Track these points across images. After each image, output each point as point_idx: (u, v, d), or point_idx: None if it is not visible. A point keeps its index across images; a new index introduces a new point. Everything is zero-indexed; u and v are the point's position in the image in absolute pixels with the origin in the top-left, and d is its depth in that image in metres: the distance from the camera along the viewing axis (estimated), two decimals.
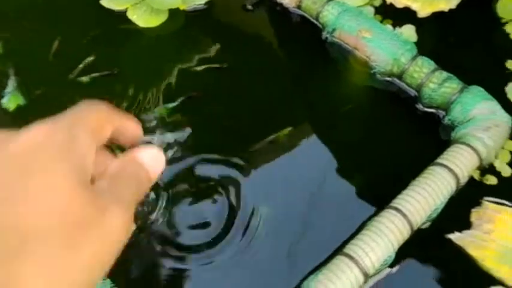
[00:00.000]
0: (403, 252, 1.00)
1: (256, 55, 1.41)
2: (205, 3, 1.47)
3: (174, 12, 1.46)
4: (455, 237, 1.04)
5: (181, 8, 1.46)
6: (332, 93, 1.31)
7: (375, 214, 1.05)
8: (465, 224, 1.06)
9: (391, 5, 1.37)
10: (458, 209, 1.07)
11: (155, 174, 0.44)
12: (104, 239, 0.35)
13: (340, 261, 0.97)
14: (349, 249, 0.98)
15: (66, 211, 0.33)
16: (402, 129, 1.23)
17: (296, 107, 1.31)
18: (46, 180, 0.33)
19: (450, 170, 1.06)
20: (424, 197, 1.02)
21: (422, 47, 1.28)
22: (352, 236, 1.02)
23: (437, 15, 1.32)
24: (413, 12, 1.35)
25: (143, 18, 1.46)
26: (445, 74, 1.21)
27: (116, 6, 1.47)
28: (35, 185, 0.32)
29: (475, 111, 1.14)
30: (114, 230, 0.36)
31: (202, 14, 1.48)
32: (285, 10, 1.43)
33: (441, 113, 1.21)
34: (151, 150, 0.44)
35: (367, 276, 0.96)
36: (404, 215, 1.01)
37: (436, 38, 1.33)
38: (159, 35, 1.45)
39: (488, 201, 1.08)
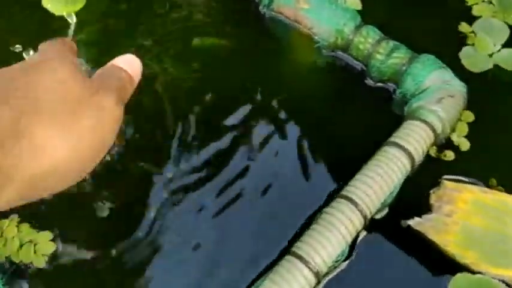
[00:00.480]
0: (358, 244, 0.91)
1: (187, 36, 1.27)
2: None
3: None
4: (414, 222, 0.94)
5: None
6: (275, 72, 1.19)
7: (326, 203, 0.95)
8: (424, 208, 0.96)
9: None
10: (416, 191, 0.97)
11: (134, 73, 0.52)
12: (99, 116, 0.45)
13: (288, 262, 0.87)
14: (298, 247, 0.87)
15: (68, 89, 0.44)
16: (353, 106, 1.12)
17: (238, 89, 1.18)
18: (55, 72, 0.45)
19: (404, 149, 0.95)
20: (377, 181, 0.92)
21: (368, 15, 1.17)
22: (302, 231, 0.92)
23: None
24: None
25: (56, 5, 1.31)
26: (392, 43, 1.10)
27: None
28: (46, 74, 0.44)
29: (427, 82, 1.03)
30: (106, 111, 0.45)
31: None
32: None
33: (392, 86, 1.11)
34: (125, 56, 0.53)
35: (319, 276, 0.86)
36: (356, 204, 0.90)
37: (383, 3, 1.22)
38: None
39: (447, 179, 0.98)
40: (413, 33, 1.15)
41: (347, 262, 0.92)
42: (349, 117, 1.12)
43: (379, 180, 0.92)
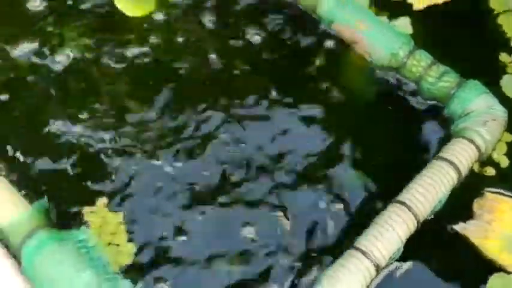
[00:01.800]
0: (411, 244, 1.04)
1: (247, 51, 1.39)
2: None
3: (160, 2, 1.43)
4: (459, 227, 1.08)
5: None
6: (330, 86, 1.32)
7: (379, 206, 1.08)
8: (467, 215, 1.10)
9: None
10: (461, 200, 1.11)
11: None
12: None
13: (350, 255, 1.00)
14: (360, 243, 1.01)
15: None
16: (402, 121, 1.25)
17: (294, 101, 1.30)
18: None
19: (452, 163, 1.09)
20: (429, 190, 1.06)
21: (418, 39, 1.30)
22: (359, 230, 1.05)
23: (432, 8, 1.34)
24: (408, 5, 1.37)
25: (130, 7, 1.42)
26: (442, 67, 1.24)
27: None
28: None
29: (473, 105, 1.17)
30: None
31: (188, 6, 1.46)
32: (283, 3, 1.43)
33: (440, 105, 1.24)
34: None
35: (378, 268, 1.00)
36: (410, 208, 1.04)
37: (431, 30, 1.35)
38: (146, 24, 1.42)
39: (488, 191, 1.12)
40: (458, 59, 1.28)
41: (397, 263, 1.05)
42: (399, 130, 1.25)
43: (431, 189, 1.06)
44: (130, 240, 1.05)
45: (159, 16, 1.41)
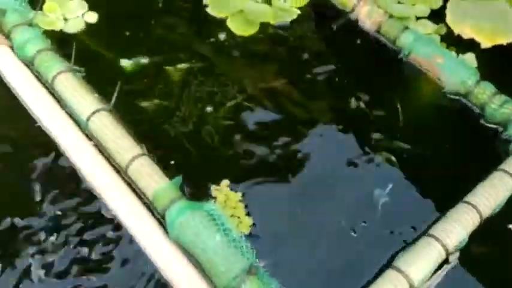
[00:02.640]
0: (473, 237, 1.27)
1: (334, 71, 1.66)
2: (291, 21, 1.74)
3: (264, 25, 1.72)
4: None
5: (271, 22, 1.73)
6: (404, 106, 1.57)
7: (449, 205, 1.32)
8: None
9: (456, 35, 1.63)
10: None
11: None
12: None
13: (425, 241, 1.24)
14: (434, 231, 1.25)
15: None
16: (467, 138, 1.50)
17: (373, 114, 1.56)
18: None
19: (511, 175, 1.33)
20: (492, 195, 1.30)
21: (481, 73, 1.56)
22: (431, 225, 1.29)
23: (497, 47, 1.59)
24: (473, 41, 1.62)
25: (238, 27, 1.72)
26: (503, 97, 1.49)
27: (218, 14, 1.74)
28: None
29: None
30: None
31: (287, 30, 1.75)
32: (365, 33, 1.70)
33: (500, 129, 1.49)
34: None
35: (448, 254, 1.23)
36: (475, 208, 1.28)
37: (495, 66, 1.60)
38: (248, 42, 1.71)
39: None
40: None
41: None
42: (460, 147, 1.50)
43: (493, 194, 1.30)
44: (247, 214, 1.31)
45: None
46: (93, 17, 1.72)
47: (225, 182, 1.35)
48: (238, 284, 1.15)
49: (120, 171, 1.35)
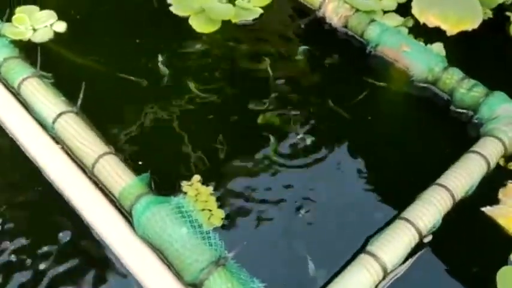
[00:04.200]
0: (447, 220, 1.25)
1: (301, 67, 1.66)
2: (253, 20, 1.75)
3: (225, 24, 1.73)
4: (487, 209, 1.29)
5: (233, 20, 1.74)
6: (375, 97, 1.57)
7: (422, 190, 1.30)
8: (494, 200, 1.31)
9: (422, 25, 1.64)
10: (489, 188, 1.33)
11: None
12: None
13: (398, 224, 1.21)
14: (407, 214, 1.22)
15: None
16: (438, 125, 1.49)
17: (343, 109, 1.55)
18: None
19: (482, 156, 1.32)
20: (464, 176, 1.28)
21: (450, 60, 1.56)
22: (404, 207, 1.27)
23: (462, 34, 1.59)
24: (440, 31, 1.63)
25: (200, 25, 1.73)
26: (472, 81, 1.48)
27: (181, 13, 1.75)
28: None
29: (500, 110, 1.41)
30: None
31: (249, 28, 1.75)
32: (333, 29, 1.71)
33: (470, 113, 1.48)
34: None
35: (421, 236, 1.21)
36: (448, 190, 1.26)
37: (462, 52, 1.60)
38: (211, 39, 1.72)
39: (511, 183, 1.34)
40: (484, 77, 1.52)
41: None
42: (431, 134, 1.48)
43: (465, 175, 1.28)
44: (219, 207, 1.29)
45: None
46: (61, 27, 1.72)
47: (196, 177, 1.33)
48: (206, 275, 1.12)
49: (87, 171, 1.33)
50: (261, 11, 1.76)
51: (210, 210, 1.28)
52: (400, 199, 1.32)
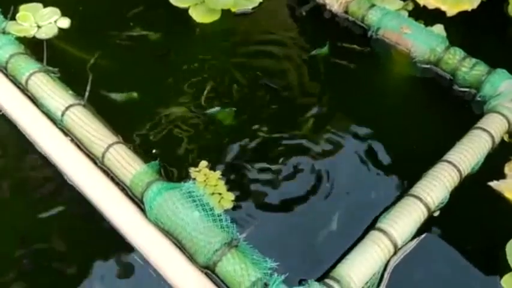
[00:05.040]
0: (455, 195, 1.27)
1: (303, 52, 1.67)
2: (253, 8, 1.77)
3: (225, 13, 1.75)
4: (494, 184, 1.31)
5: (232, 10, 1.76)
6: (379, 81, 1.59)
7: (429, 166, 1.31)
8: (500, 175, 1.33)
9: (423, 8, 1.65)
10: (494, 163, 1.34)
11: None
12: None
13: (407, 200, 1.23)
14: (415, 191, 1.24)
15: None
16: (442, 105, 1.51)
17: (348, 93, 1.57)
18: None
19: (487, 132, 1.33)
20: (469, 152, 1.29)
21: (451, 40, 1.57)
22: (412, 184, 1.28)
23: (462, 14, 1.61)
24: (441, 13, 1.64)
25: (200, 15, 1.75)
26: (473, 59, 1.50)
27: (180, 4, 1.77)
28: None
29: (502, 87, 1.42)
30: None
31: (248, 17, 1.78)
32: (333, 15, 1.72)
33: (473, 91, 1.49)
34: None
35: (430, 212, 1.22)
36: (454, 166, 1.27)
37: (462, 32, 1.62)
38: (211, 30, 1.74)
39: None
40: (485, 54, 1.53)
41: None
42: (436, 113, 1.50)
43: (471, 151, 1.29)
44: (229, 190, 1.31)
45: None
46: (65, 23, 1.74)
47: (203, 163, 1.35)
48: (219, 257, 1.14)
49: (97, 161, 1.35)
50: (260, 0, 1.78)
51: (220, 194, 1.30)
52: (408, 176, 1.34)
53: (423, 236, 1.23)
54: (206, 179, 1.32)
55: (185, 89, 1.56)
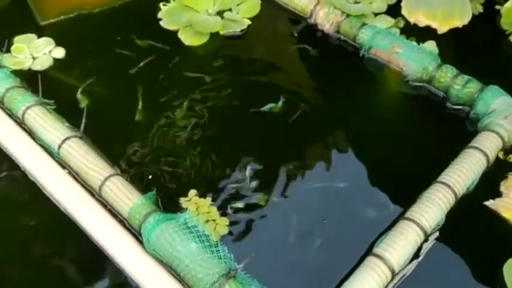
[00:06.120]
0: (450, 216, 1.27)
1: (298, 73, 1.69)
2: (241, 31, 1.79)
3: (214, 36, 1.76)
4: (490, 203, 1.31)
5: (221, 32, 1.77)
6: (372, 99, 1.59)
7: (424, 187, 1.32)
8: (496, 193, 1.33)
9: (414, 25, 1.66)
10: (490, 182, 1.34)
11: None
12: None
13: (403, 224, 1.23)
14: (411, 214, 1.24)
15: None
16: (435, 123, 1.51)
17: (341, 112, 1.58)
18: None
19: (481, 151, 1.33)
20: (464, 172, 1.30)
21: (443, 58, 1.58)
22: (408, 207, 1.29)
23: (454, 31, 1.62)
24: (433, 30, 1.65)
25: (188, 38, 1.76)
26: (466, 77, 1.50)
27: (171, 27, 1.78)
28: None
29: (495, 105, 1.43)
30: None
31: (237, 39, 1.79)
32: (325, 35, 1.73)
33: (466, 109, 1.50)
34: None
35: (426, 234, 1.22)
36: (449, 187, 1.28)
37: (454, 49, 1.63)
38: (200, 52, 1.76)
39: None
40: (478, 70, 1.54)
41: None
42: (429, 132, 1.50)
43: (466, 172, 1.30)
44: (222, 215, 1.32)
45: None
46: (60, 53, 1.75)
47: (192, 192, 1.36)
48: None
49: (95, 193, 1.36)
50: (248, 22, 1.79)
51: (214, 220, 1.31)
52: (403, 197, 1.34)
53: (420, 258, 1.23)
54: (198, 207, 1.33)
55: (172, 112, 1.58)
